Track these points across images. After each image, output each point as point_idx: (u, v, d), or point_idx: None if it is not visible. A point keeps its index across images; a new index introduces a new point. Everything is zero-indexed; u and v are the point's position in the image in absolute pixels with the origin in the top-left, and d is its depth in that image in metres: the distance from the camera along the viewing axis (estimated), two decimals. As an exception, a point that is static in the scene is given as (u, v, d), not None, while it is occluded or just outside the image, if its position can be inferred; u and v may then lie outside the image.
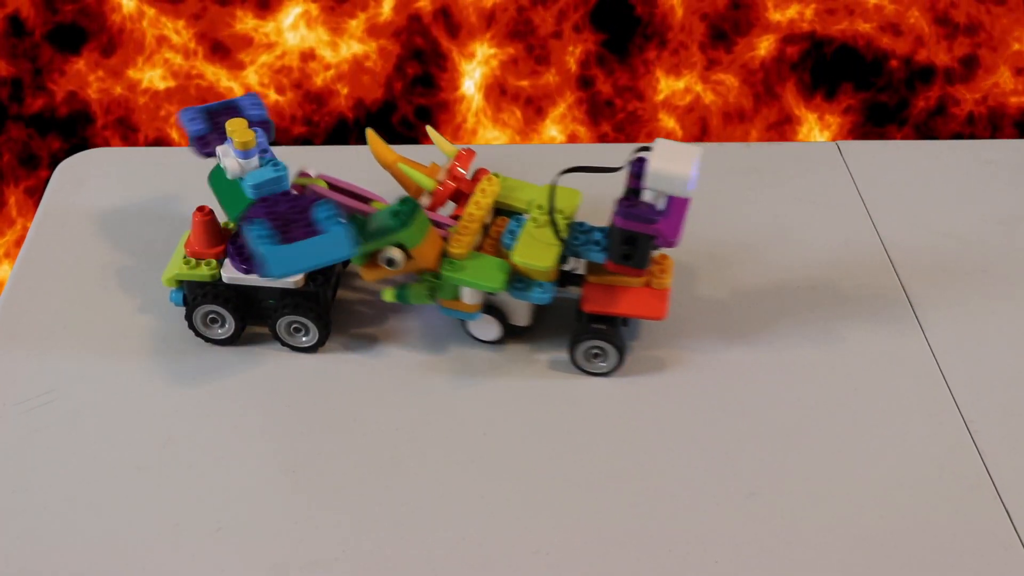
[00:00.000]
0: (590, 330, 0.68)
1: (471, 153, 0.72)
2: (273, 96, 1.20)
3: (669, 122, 1.22)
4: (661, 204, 0.64)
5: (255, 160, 0.66)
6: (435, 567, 0.58)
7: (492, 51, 1.21)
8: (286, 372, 0.70)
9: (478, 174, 0.71)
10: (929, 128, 1.22)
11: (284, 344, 0.71)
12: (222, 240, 0.70)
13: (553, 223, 0.67)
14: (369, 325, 0.73)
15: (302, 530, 0.60)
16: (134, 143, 1.21)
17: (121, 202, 0.83)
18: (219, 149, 0.67)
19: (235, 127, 0.65)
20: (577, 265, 0.71)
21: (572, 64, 1.21)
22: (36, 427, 0.66)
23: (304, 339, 0.70)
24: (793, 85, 1.22)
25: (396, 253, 0.65)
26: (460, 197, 0.72)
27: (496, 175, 0.72)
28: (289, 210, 0.63)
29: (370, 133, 0.69)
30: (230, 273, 0.69)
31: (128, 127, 1.21)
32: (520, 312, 0.70)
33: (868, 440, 0.66)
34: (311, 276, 0.69)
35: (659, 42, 1.20)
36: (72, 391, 0.68)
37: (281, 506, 0.62)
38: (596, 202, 0.71)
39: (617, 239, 0.65)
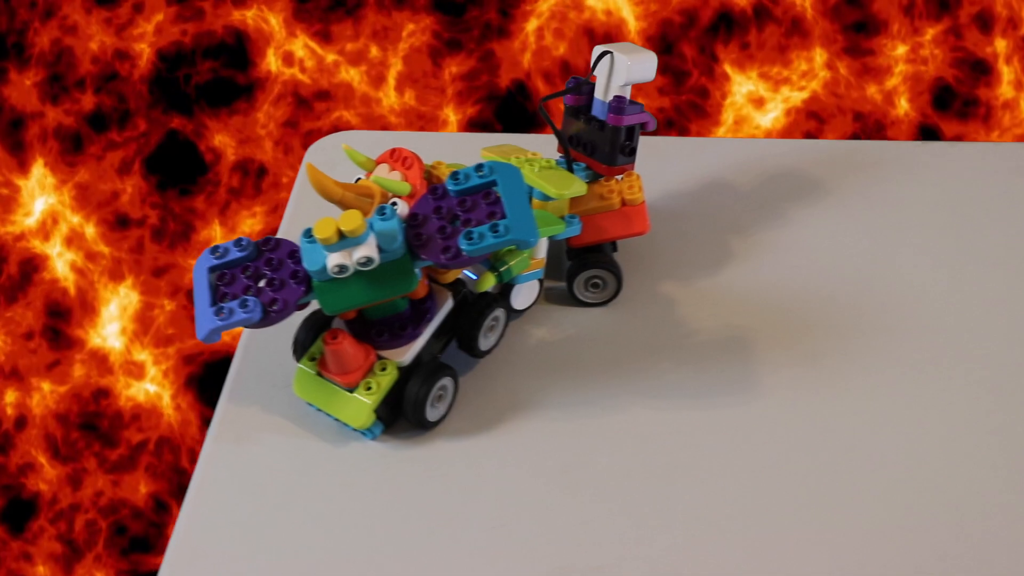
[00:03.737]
0: (591, 260, 0.70)
1: (406, 151, 0.68)
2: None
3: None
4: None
5: (371, 235, 0.57)
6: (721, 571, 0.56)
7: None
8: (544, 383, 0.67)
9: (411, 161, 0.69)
10: None
11: (482, 353, 0.66)
12: (367, 349, 0.61)
13: (567, 153, 0.69)
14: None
15: (582, 533, 0.58)
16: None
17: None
18: (331, 262, 0.57)
19: (331, 225, 0.56)
20: None
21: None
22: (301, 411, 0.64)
23: (494, 338, 0.67)
24: None
25: None
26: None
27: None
28: (450, 208, 0.59)
29: (310, 167, 0.62)
30: (408, 355, 0.61)
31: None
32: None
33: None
34: (454, 288, 0.64)
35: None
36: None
37: (559, 506, 0.59)
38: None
39: (619, 136, 0.68)
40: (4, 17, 1.24)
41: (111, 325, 1.20)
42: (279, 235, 0.62)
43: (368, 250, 0.56)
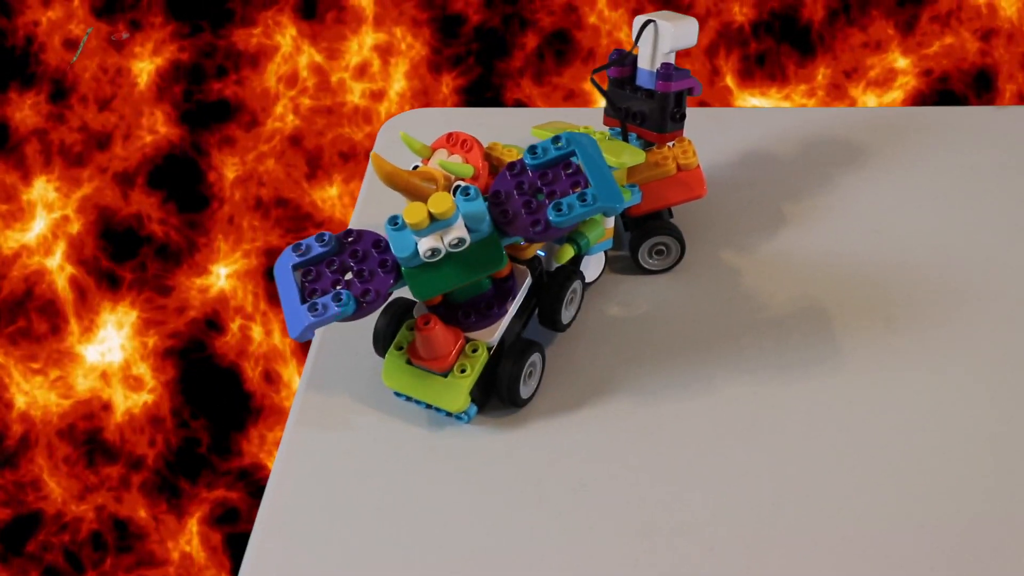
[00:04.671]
0: (653, 228, 0.71)
1: (464, 134, 0.69)
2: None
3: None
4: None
5: (459, 216, 0.57)
6: (807, 532, 0.56)
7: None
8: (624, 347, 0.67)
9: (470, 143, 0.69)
10: None
11: (564, 327, 0.66)
12: (456, 332, 0.61)
13: (623, 123, 0.71)
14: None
15: (666, 492, 0.58)
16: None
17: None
18: (423, 246, 0.57)
19: (422, 209, 0.56)
20: None
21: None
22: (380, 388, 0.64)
23: (574, 310, 0.66)
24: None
25: None
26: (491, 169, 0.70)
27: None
28: (532, 183, 0.58)
29: (375, 157, 0.62)
30: (496, 335, 0.61)
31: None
32: None
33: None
34: (531, 265, 0.64)
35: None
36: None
37: (642, 467, 0.60)
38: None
39: (668, 103, 0.70)
40: (8, 35, 1.24)
41: (112, 339, 1.20)
42: (351, 227, 0.61)
43: (459, 231, 0.56)
